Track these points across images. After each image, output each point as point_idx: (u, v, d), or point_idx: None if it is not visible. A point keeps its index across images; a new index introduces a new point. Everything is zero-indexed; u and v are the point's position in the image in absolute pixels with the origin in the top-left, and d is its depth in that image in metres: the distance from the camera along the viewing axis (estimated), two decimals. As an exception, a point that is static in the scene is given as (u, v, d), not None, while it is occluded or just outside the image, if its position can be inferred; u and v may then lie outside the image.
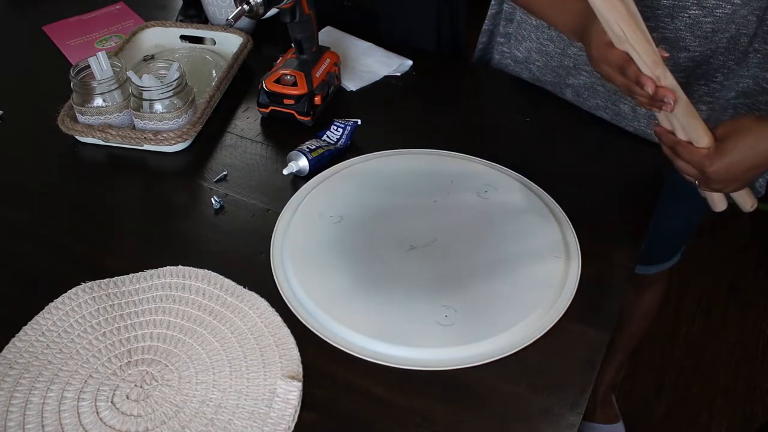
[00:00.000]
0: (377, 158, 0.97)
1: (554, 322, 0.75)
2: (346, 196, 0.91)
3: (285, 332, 0.74)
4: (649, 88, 0.71)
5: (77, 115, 1.00)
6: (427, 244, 0.84)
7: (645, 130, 1.00)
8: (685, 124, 0.76)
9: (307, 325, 0.75)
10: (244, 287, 0.79)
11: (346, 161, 0.97)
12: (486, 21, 1.15)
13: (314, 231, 0.86)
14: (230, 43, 1.18)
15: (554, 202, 0.90)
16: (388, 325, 0.75)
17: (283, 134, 1.04)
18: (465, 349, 0.72)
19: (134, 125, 1.00)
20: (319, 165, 0.95)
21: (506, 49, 1.12)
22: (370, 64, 1.16)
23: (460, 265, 0.81)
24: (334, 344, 0.73)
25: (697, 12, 0.85)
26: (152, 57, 1.18)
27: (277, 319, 0.75)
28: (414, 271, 0.81)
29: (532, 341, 0.73)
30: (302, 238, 0.85)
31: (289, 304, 0.77)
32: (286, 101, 1.02)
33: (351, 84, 1.12)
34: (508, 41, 1.11)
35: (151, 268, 0.81)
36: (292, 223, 0.87)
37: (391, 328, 0.74)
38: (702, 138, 0.76)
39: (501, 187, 0.92)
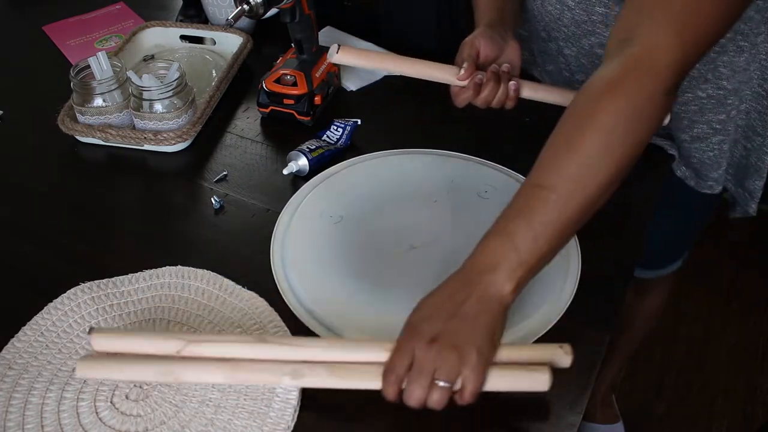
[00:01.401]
0: (377, 158, 0.97)
1: (554, 322, 0.75)
2: (346, 196, 0.91)
3: (285, 333, 0.74)
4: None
5: (77, 115, 1.00)
6: (427, 244, 0.84)
7: None
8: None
9: (307, 325, 0.75)
10: (244, 287, 0.79)
11: (346, 161, 0.96)
12: None
13: (314, 231, 0.86)
14: (230, 43, 1.18)
15: None
16: (388, 325, 0.74)
17: (283, 134, 1.04)
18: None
19: (134, 125, 1.00)
20: (319, 165, 0.95)
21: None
22: (370, 64, 1.16)
23: (460, 265, 0.81)
24: (334, 344, 0.73)
25: None
26: (152, 57, 1.18)
27: (277, 319, 0.75)
28: (414, 270, 0.81)
29: (531, 341, 0.73)
30: (302, 238, 0.85)
31: (288, 304, 0.77)
32: (286, 101, 1.02)
33: (351, 84, 1.12)
34: None
35: (151, 268, 0.81)
36: (292, 223, 0.87)
37: (391, 327, 0.74)
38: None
39: (501, 187, 0.92)
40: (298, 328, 0.75)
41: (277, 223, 0.87)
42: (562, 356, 0.66)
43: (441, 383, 0.60)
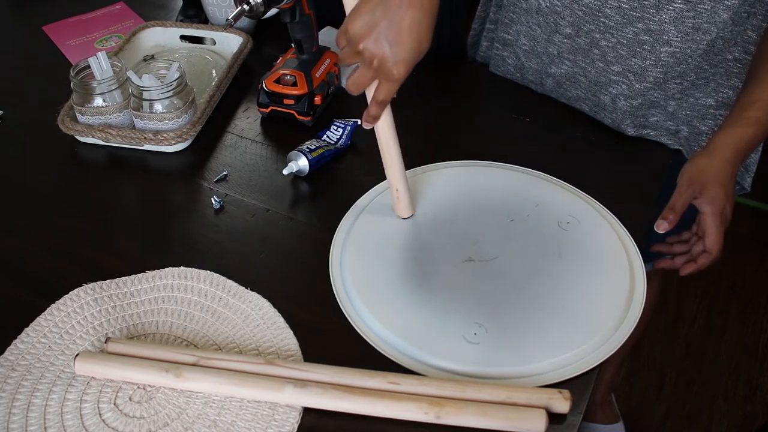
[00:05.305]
0: (471, 166, 0.96)
1: (567, 378, 0.70)
2: (427, 195, 0.90)
3: (288, 334, 0.74)
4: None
5: (77, 115, 1.00)
6: (485, 260, 0.81)
7: (620, 124, 1.01)
8: None
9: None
10: (246, 288, 0.79)
11: (437, 163, 0.96)
12: (479, 7, 1.15)
13: (383, 221, 0.86)
14: (230, 43, 1.18)
15: (636, 250, 0.84)
16: (413, 326, 0.74)
17: (283, 134, 1.03)
18: (480, 370, 0.70)
19: (134, 125, 1.00)
20: (319, 165, 0.95)
21: (494, 34, 1.12)
22: (370, 64, 1.16)
23: (510, 288, 0.78)
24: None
25: (681, 6, 0.85)
26: (152, 57, 1.17)
27: (280, 320, 0.75)
28: (462, 282, 0.79)
29: (546, 384, 0.69)
30: (370, 227, 0.86)
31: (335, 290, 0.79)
32: (286, 101, 1.02)
33: (351, 84, 1.12)
34: (496, 26, 1.11)
35: (152, 269, 0.81)
36: (367, 209, 0.88)
37: (415, 329, 0.73)
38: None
39: (585, 221, 0.86)
40: (299, 327, 0.75)
41: (346, 214, 0.88)
42: (561, 401, 0.66)
43: None
